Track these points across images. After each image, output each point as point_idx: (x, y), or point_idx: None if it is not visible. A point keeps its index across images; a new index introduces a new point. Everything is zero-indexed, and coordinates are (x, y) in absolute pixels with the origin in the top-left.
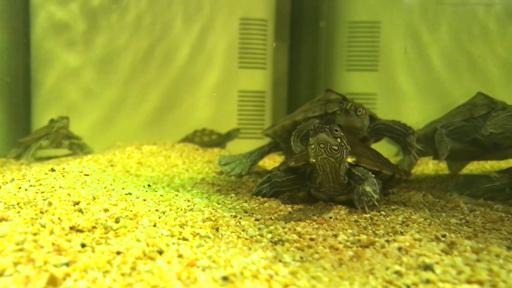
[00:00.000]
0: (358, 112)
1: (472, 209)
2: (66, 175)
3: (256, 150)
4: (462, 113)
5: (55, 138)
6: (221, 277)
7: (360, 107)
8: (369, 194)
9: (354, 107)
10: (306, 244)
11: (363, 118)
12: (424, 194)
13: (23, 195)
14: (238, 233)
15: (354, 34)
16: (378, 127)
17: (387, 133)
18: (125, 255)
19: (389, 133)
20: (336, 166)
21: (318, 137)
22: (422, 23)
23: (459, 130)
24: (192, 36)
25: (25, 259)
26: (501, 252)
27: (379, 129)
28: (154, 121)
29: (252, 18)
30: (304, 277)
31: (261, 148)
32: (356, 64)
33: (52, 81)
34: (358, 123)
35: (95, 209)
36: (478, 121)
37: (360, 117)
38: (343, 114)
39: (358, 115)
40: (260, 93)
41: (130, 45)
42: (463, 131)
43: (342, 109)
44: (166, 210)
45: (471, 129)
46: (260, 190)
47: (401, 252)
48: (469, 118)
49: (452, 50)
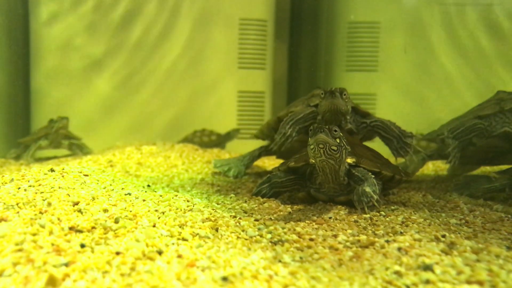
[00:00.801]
0: (344, 95)
1: (472, 209)
2: (66, 176)
3: (247, 154)
4: (490, 107)
5: (54, 138)
6: (220, 278)
7: (344, 90)
8: (368, 195)
9: (339, 90)
10: (306, 245)
11: (347, 102)
12: (423, 194)
13: (23, 195)
14: (238, 234)
15: (354, 34)
16: (375, 124)
17: (382, 132)
18: (124, 255)
19: (384, 132)
20: (336, 167)
21: (317, 137)
22: (422, 23)
23: (472, 129)
24: (192, 37)
25: (24, 260)
26: (501, 252)
27: (376, 126)
28: (153, 122)
29: (251, 18)
30: (303, 278)
31: (251, 152)
32: (356, 65)
33: (52, 81)
34: (343, 107)
35: (95, 209)
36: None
37: (345, 100)
38: (328, 96)
39: (343, 98)
40: (260, 94)
41: (130, 45)
42: (477, 129)
43: (326, 91)
44: (166, 210)
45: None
46: (260, 191)
47: (400, 252)
48: (499, 111)
49: (452, 50)
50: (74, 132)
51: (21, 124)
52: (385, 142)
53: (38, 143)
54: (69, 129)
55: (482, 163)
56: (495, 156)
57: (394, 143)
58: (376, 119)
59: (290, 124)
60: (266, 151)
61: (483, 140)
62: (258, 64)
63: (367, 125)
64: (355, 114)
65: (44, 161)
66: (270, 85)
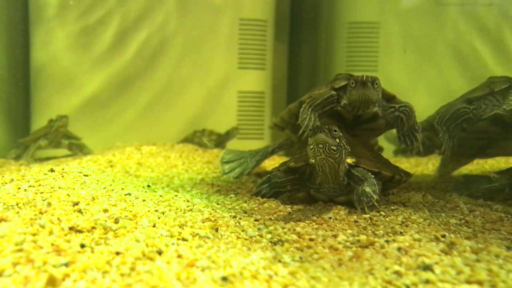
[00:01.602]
0: (375, 84)
1: (472, 209)
2: (66, 176)
3: (260, 150)
4: (479, 89)
5: (54, 138)
6: (220, 278)
7: (376, 79)
8: (368, 195)
9: (371, 79)
10: (306, 245)
11: (379, 91)
12: (423, 194)
13: (22, 195)
14: (238, 234)
15: (354, 34)
16: (404, 110)
17: (404, 118)
18: (124, 255)
19: (406, 118)
20: (335, 167)
21: (316, 137)
22: (421, 24)
23: (459, 113)
24: (192, 37)
25: (24, 260)
26: (500, 252)
27: (404, 111)
28: (153, 122)
29: (251, 18)
30: (303, 278)
31: (265, 148)
32: (356, 65)
33: (52, 82)
34: (374, 96)
35: (95, 209)
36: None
37: (376, 89)
38: (360, 87)
39: (375, 87)
40: (260, 94)
41: (130, 45)
42: (463, 113)
43: (357, 81)
44: (166, 210)
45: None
46: (259, 191)
47: (400, 252)
48: (489, 93)
49: (452, 50)
50: (74, 133)
51: (21, 124)
52: (397, 126)
53: (38, 143)
54: (70, 129)
55: (475, 153)
56: (487, 144)
57: (404, 129)
58: (404, 104)
59: (309, 109)
60: (279, 146)
61: (473, 126)
62: (258, 65)
63: (395, 109)
64: (384, 99)
65: (44, 161)
66: (270, 85)
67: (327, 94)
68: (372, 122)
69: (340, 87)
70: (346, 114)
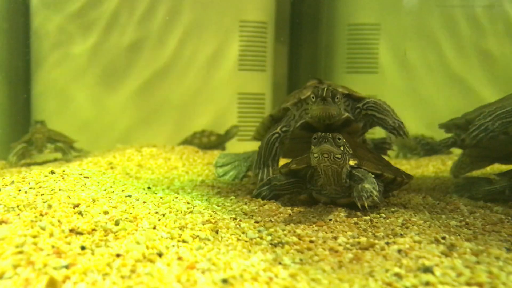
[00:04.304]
0: (336, 98)
1: (472, 211)
2: (66, 178)
3: (252, 154)
4: None
5: (36, 144)
6: (220, 280)
7: (337, 94)
8: (368, 190)
9: (331, 94)
10: (306, 247)
11: (340, 104)
12: (424, 196)
13: (23, 197)
14: (238, 236)
15: (354, 36)
16: (368, 106)
17: (376, 113)
18: (124, 257)
19: (378, 112)
20: (338, 170)
21: (321, 147)
22: (421, 25)
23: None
24: (192, 39)
25: (25, 262)
26: (500, 254)
27: (369, 107)
28: (154, 124)
29: (251, 20)
30: (303, 280)
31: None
32: (356, 66)
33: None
34: (335, 111)
35: (95, 211)
36: None
37: (337, 103)
38: (319, 102)
39: (335, 101)
40: (260, 95)
41: (130, 46)
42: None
43: (317, 96)
44: (166, 212)
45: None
46: (260, 193)
47: (401, 254)
48: None
49: (452, 52)
50: (73, 134)
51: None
52: (380, 123)
53: (20, 146)
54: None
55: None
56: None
57: (389, 122)
58: (367, 101)
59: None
60: None
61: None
62: (258, 66)
63: (361, 109)
64: (352, 101)
65: (44, 164)
66: (270, 87)
67: (266, 141)
68: (346, 127)
69: (306, 97)
70: (317, 124)
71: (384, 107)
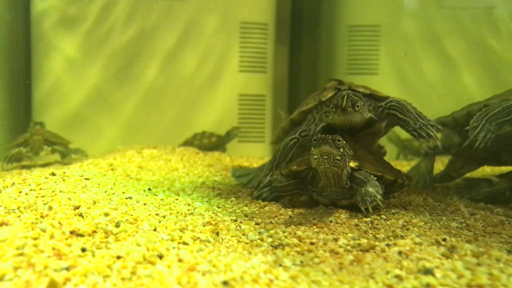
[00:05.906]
0: (357, 107)
1: (473, 212)
2: (67, 179)
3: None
4: None
5: (33, 145)
6: (221, 282)
7: (358, 101)
8: (372, 195)
9: (351, 103)
10: (307, 248)
11: (362, 111)
12: (424, 197)
13: (24, 199)
14: (239, 237)
15: (355, 37)
16: (391, 105)
17: (398, 114)
18: (125, 259)
19: (400, 113)
20: (339, 172)
21: (321, 149)
22: (422, 27)
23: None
24: (192, 40)
25: (25, 264)
26: (501, 256)
27: (391, 106)
28: (154, 125)
29: (252, 22)
30: (304, 282)
31: None
32: (357, 68)
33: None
34: (357, 119)
35: (96, 213)
36: None
37: (359, 111)
38: (340, 113)
39: (356, 110)
40: (261, 97)
41: (131, 47)
42: None
43: (337, 107)
44: (167, 214)
45: None
46: (260, 194)
47: (401, 256)
48: None
49: (452, 53)
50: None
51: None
52: (401, 124)
53: (16, 150)
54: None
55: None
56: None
57: (410, 123)
58: (390, 100)
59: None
60: None
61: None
62: (259, 68)
63: (383, 108)
64: (374, 101)
65: (45, 166)
66: (271, 88)
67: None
68: (369, 127)
69: (327, 99)
70: (338, 126)
71: (408, 108)
